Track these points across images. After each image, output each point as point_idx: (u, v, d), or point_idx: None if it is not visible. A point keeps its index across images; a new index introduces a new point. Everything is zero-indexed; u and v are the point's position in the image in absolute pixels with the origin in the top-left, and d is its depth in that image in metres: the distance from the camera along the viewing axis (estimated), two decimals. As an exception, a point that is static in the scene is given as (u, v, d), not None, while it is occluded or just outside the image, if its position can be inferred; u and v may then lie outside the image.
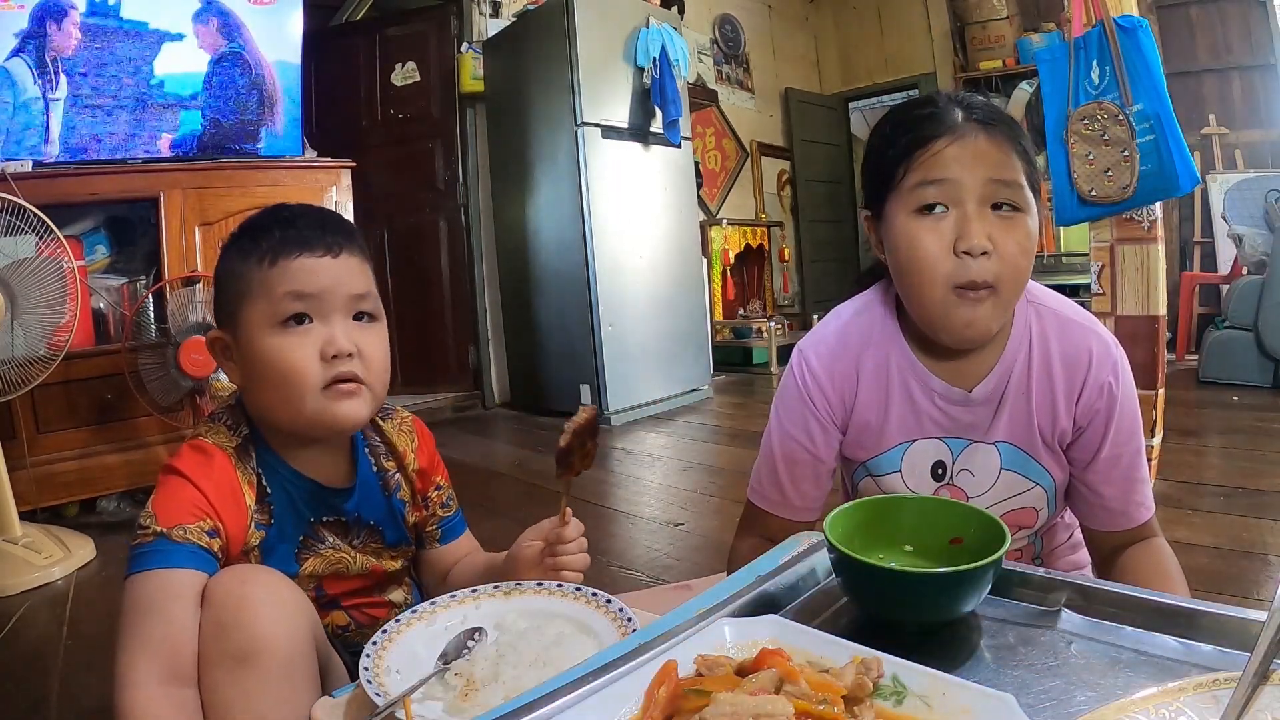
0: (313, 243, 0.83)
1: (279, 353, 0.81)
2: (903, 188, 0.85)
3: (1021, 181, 0.83)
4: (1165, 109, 1.78)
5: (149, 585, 0.72)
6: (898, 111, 0.91)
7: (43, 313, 2.02)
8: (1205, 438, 2.82)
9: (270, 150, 2.82)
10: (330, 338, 0.81)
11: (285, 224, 0.84)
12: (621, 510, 2.39)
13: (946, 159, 0.82)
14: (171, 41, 2.60)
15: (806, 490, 0.96)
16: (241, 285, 0.84)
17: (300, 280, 0.81)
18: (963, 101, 0.86)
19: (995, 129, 0.83)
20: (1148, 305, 2.00)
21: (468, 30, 4.05)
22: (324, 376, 0.81)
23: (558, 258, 3.74)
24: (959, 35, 5.54)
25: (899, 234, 0.86)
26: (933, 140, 0.83)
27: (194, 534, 0.74)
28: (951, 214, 0.83)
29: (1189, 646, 0.54)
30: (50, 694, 1.40)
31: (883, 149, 0.89)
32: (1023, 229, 0.83)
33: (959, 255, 0.82)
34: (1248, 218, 4.29)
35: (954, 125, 0.83)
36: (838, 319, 0.97)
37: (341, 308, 0.83)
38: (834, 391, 0.93)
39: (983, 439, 0.91)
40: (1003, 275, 0.82)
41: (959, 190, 0.82)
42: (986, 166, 0.82)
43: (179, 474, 0.79)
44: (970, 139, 0.82)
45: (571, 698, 0.47)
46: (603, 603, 0.74)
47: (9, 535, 2.03)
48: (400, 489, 0.95)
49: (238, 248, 0.86)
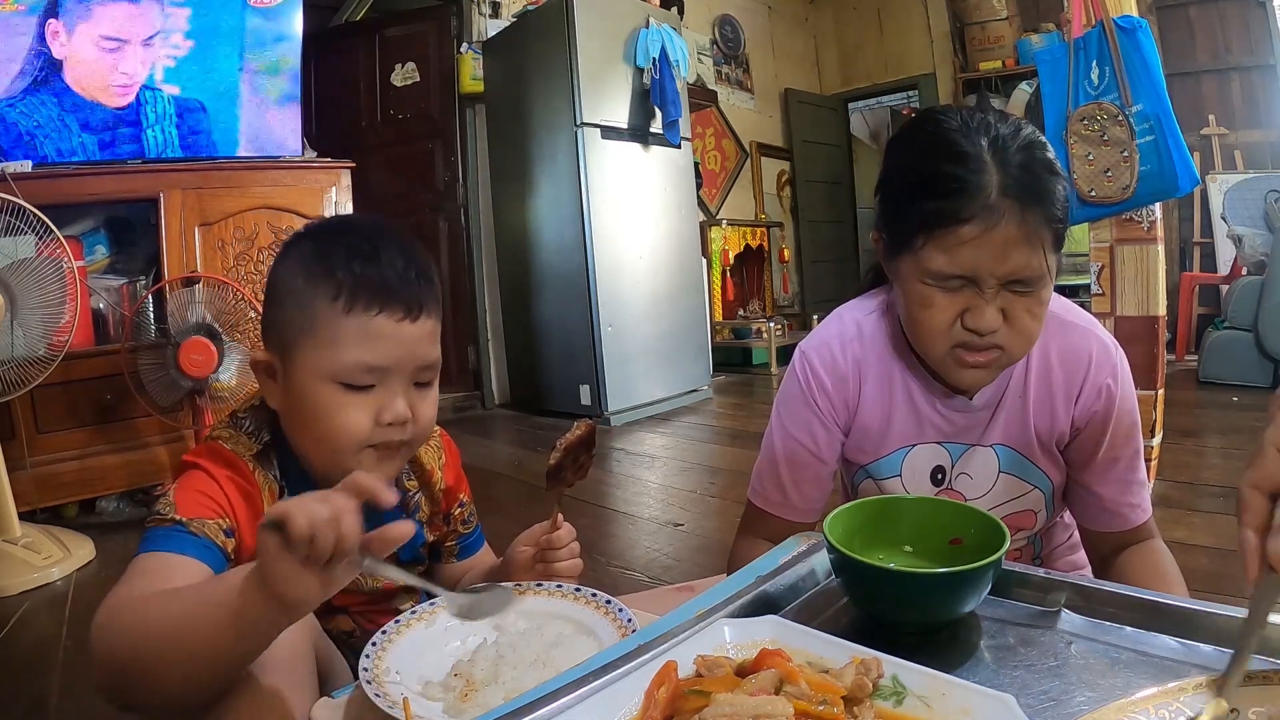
0: (395, 296, 0.76)
1: (333, 411, 0.76)
2: (919, 257, 0.79)
3: (1044, 268, 0.77)
4: (1165, 109, 1.78)
5: (154, 561, 0.70)
6: (925, 143, 0.81)
7: (42, 313, 2.02)
8: (1205, 438, 2.82)
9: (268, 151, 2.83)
10: (388, 405, 0.76)
11: (367, 259, 0.76)
12: (621, 511, 2.39)
13: (972, 250, 0.75)
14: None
15: (808, 491, 0.96)
16: (304, 319, 0.76)
17: (374, 351, 0.75)
18: (1000, 155, 0.75)
19: (1032, 208, 0.74)
20: (1147, 306, 2.00)
21: (467, 30, 4.05)
22: (370, 438, 0.77)
23: (558, 258, 3.74)
24: (959, 36, 5.54)
25: (908, 290, 0.82)
26: (960, 224, 0.75)
27: (210, 530, 0.73)
28: (965, 291, 0.78)
29: (1189, 646, 0.54)
30: (50, 694, 1.40)
31: (902, 189, 0.82)
32: (1038, 302, 0.79)
33: (967, 329, 0.79)
34: (1247, 218, 4.29)
35: (986, 205, 0.74)
36: (840, 321, 0.96)
37: (407, 376, 0.78)
38: (837, 394, 0.93)
39: (980, 442, 0.91)
40: (1012, 342, 0.80)
41: (977, 279, 0.77)
42: (1013, 262, 0.75)
43: (202, 470, 0.77)
44: (1002, 227, 0.74)
45: (571, 698, 0.47)
46: (602, 603, 0.74)
47: (8, 536, 2.03)
48: (420, 509, 0.93)
49: (304, 266, 0.78)
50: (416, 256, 0.81)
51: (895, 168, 0.85)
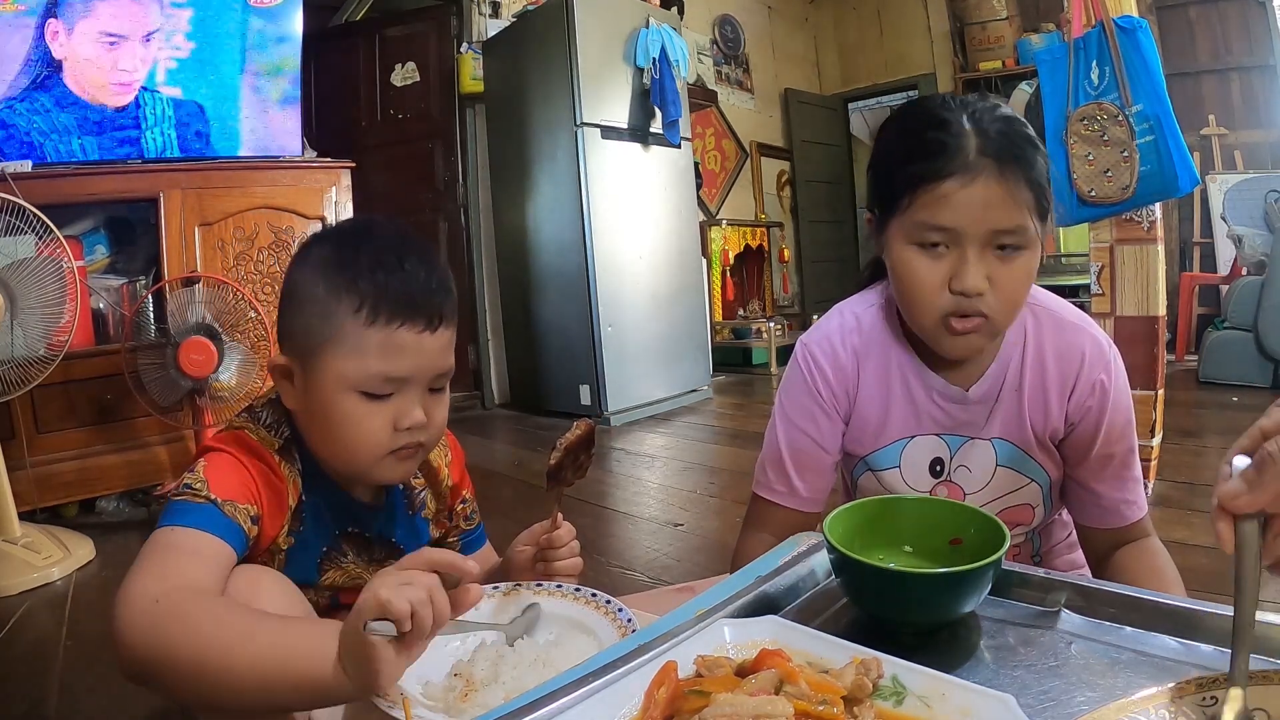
0: (417, 309, 0.77)
1: (352, 418, 0.77)
2: (905, 218, 0.83)
3: (1027, 223, 0.80)
4: (1165, 109, 1.79)
5: (183, 536, 0.68)
6: (910, 119, 0.87)
7: (42, 313, 2.02)
8: (1205, 438, 2.82)
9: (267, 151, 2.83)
10: (406, 412, 0.78)
11: (390, 270, 0.77)
12: (621, 511, 2.39)
13: (953, 204, 0.80)
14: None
15: (812, 480, 0.97)
16: (326, 327, 0.77)
17: (395, 363, 0.77)
18: (979, 123, 0.81)
19: (1010, 166, 0.79)
20: (1147, 306, 2.00)
21: (467, 30, 4.05)
22: (390, 444, 0.79)
23: (558, 258, 3.74)
24: (959, 36, 5.54)
25: (897, 259, 0.86)
26: (942, 179, 0.80)
27: (241, 514, 0.72)
28: (951, 253, 0.82)
29: (1189, 646, 0.54)
30: (50, 694, 1.40)
31: (890, 161, 0.86)
32: (1023, 265, 0.82)
33: (954, 293, 0.82)
34: (1247, 218, 4.29)
35: (966, 164, 0.79)
36: (840, 315, 0.98)
37: (424, 384, 0.80)
38: (838, 383, 0.95)
39: (978, 435, 0.92)
40: (997, 308, 0.82)
41: (961, 236, 0.81)
42: (994, 216, 0.79)
43: (231, 455, 0.77)
44: (981, 182, 0.79)
45: (571, 698, 0.47)
46: (602, 603, 0.74)
47: (8, 535, 2.03)
48: (425, 506, 0.95)
49: (325, 274, 0.78)
50: (437, 266, 0.81)
51: (883, 145, 0.90)
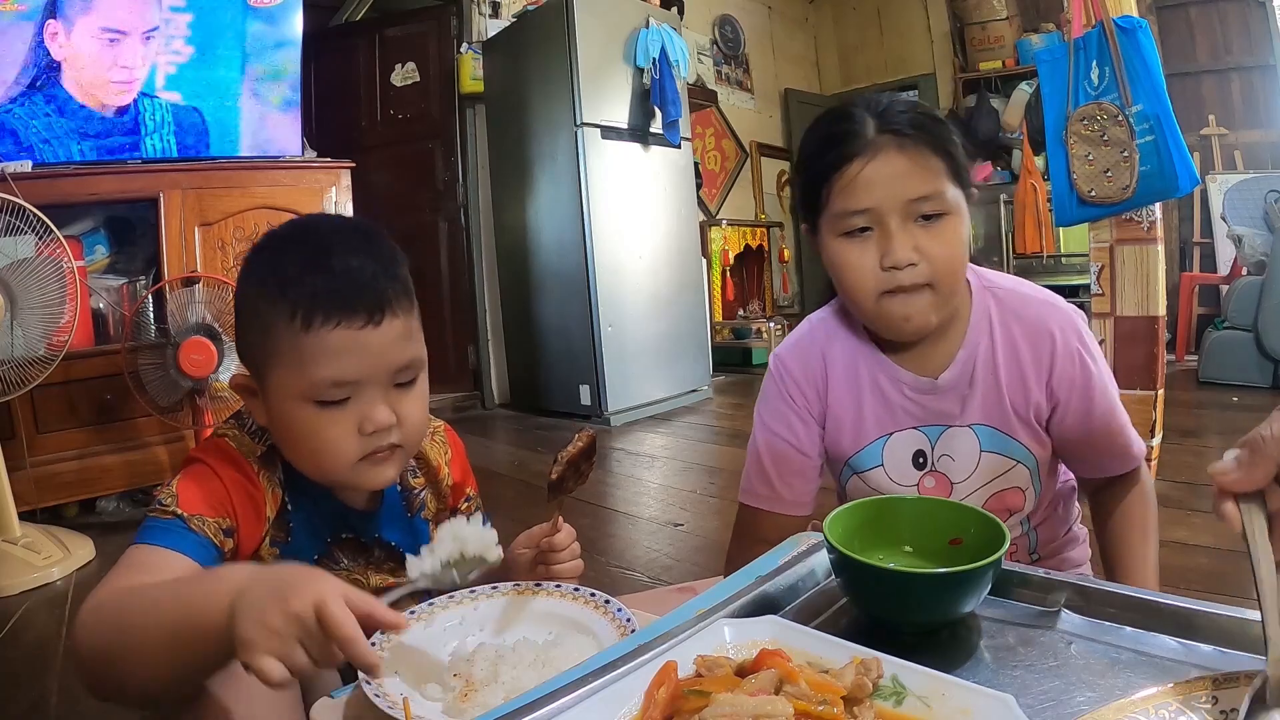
0: (350, 304, 0.71)
1: (312, 429, 0.74)
2: (828, 212, 0.87)
3: (943, 190, 0.83)
4: (1165, 110, 1.79)
5: (147, 554, 0.69)
6: (819, 124, 0.91)
7: (42, 313, 2.02)
8: (1205, 438, 2.82)
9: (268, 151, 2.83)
10: (368, 415, 0.74)
11: (316, 268, 0.72)
12: (621, 511, 2.39)
13: (864, 183, 0.83)
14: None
15: (795, 484, 0.99)
16: (269, 342, 0.73)
17: (339, 365, 0.72)
18: (880, 111, 0.85)
19: (910, 140, 0.83)
20: (1147, 306, 2.00)
21: (467, 30, 4.05)
22: (360, 450, 0.75)
23: (557, 258, 3.74)
24: (959, 36, 5.54)
25: (830, 254, 0.89)
26: (848, 162, 0.84)
27: (210, 528, 0.72)
28: (875, 233, 0.85)
29: (1189, 646, 0.53)
30: (49, 694, 1.40)
31: (807, 166, 0.90)
32: (950, 230, 0.85)
33: (886, 270, 0.84)
34: (1247, 218, 4.29)
35: (868, 143, 0.83)
36: (808, 324, 1.03)
37: (383, 382, 0.75)
38: (809, 385, 0.98)
39: (957, 423, 0.93)
40: (935, 276, 0.85)
41: (880, 214, 0.84)
42: (904, 186, 0.83)
43: (208, 467, 0.76)
44: (885, 158, 0.83)
45: (571, 698, 0.47)
46: (602, 603, 0.74)
47: (8, 535, 2.03)
48: (425, 507, 0.92)
49: (259, 284, 0.74)
50: (377, 255, 0.76)
51: (801, 151, 0.93)
